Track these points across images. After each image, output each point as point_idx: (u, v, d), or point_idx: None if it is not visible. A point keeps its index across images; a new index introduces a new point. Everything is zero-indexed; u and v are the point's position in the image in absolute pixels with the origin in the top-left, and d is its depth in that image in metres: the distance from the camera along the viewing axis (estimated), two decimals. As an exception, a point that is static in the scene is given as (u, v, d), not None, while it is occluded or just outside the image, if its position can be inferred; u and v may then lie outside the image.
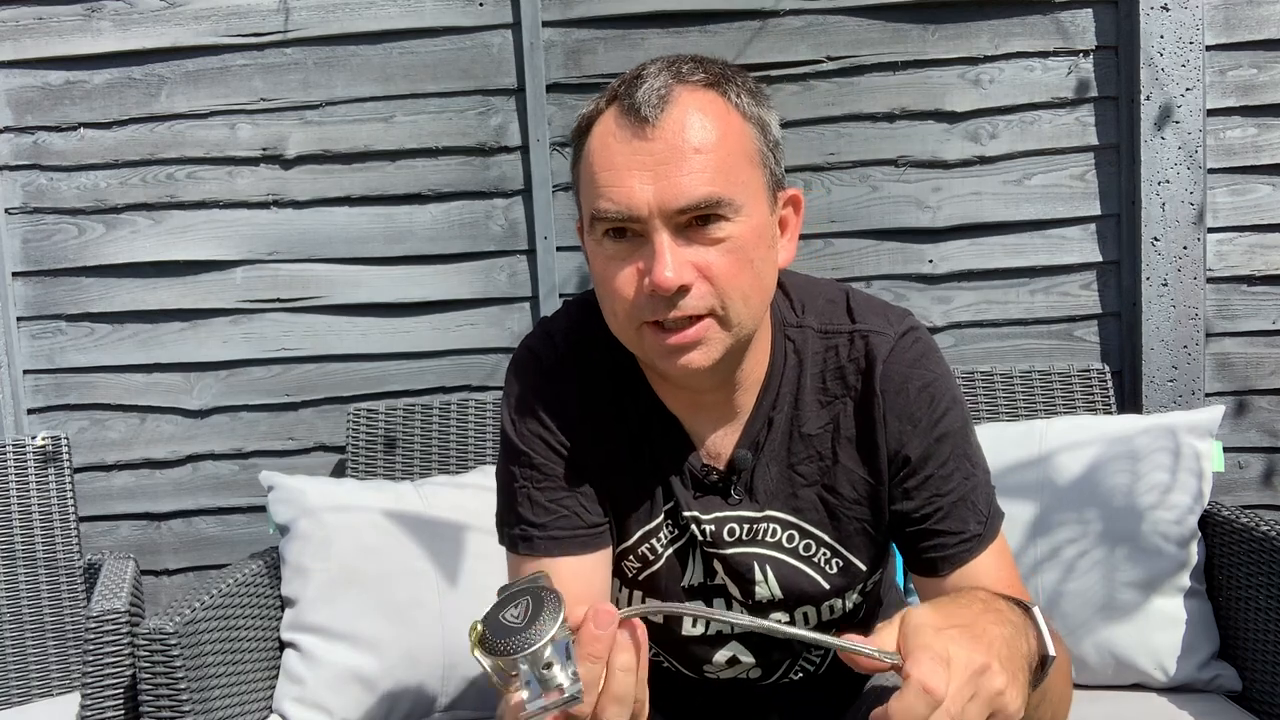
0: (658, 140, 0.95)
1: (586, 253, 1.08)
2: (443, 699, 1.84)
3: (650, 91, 0.96)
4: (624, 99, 0.98)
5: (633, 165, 0.96)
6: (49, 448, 2.10)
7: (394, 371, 2.34)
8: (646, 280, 0.96)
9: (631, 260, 0.98)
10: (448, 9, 2.26)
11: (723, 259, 0.97)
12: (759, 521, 1.12)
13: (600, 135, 1.00)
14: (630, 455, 1.12)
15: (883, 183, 2.25)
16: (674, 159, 0.95)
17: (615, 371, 1.12)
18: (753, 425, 1.11)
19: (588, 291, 1.21)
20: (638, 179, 0.95)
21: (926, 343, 1.11)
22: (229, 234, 2.33)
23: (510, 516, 1.11)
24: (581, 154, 1.03)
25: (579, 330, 1.13)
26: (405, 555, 1.88)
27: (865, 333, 1.10)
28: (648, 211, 0.95)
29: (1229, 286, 2.22)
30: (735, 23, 2.23)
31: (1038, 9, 2.21)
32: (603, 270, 1.01)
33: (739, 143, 0.99)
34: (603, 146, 0.99)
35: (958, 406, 1.10)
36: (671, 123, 0.96)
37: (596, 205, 0.98)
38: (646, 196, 0.95)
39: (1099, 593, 1.76)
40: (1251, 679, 1.72)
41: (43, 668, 2.04)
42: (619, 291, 0.99)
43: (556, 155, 2.28)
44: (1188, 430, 1.83)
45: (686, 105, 0.97)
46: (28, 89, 2.32)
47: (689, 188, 0.95)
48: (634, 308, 0.99)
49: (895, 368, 1.08)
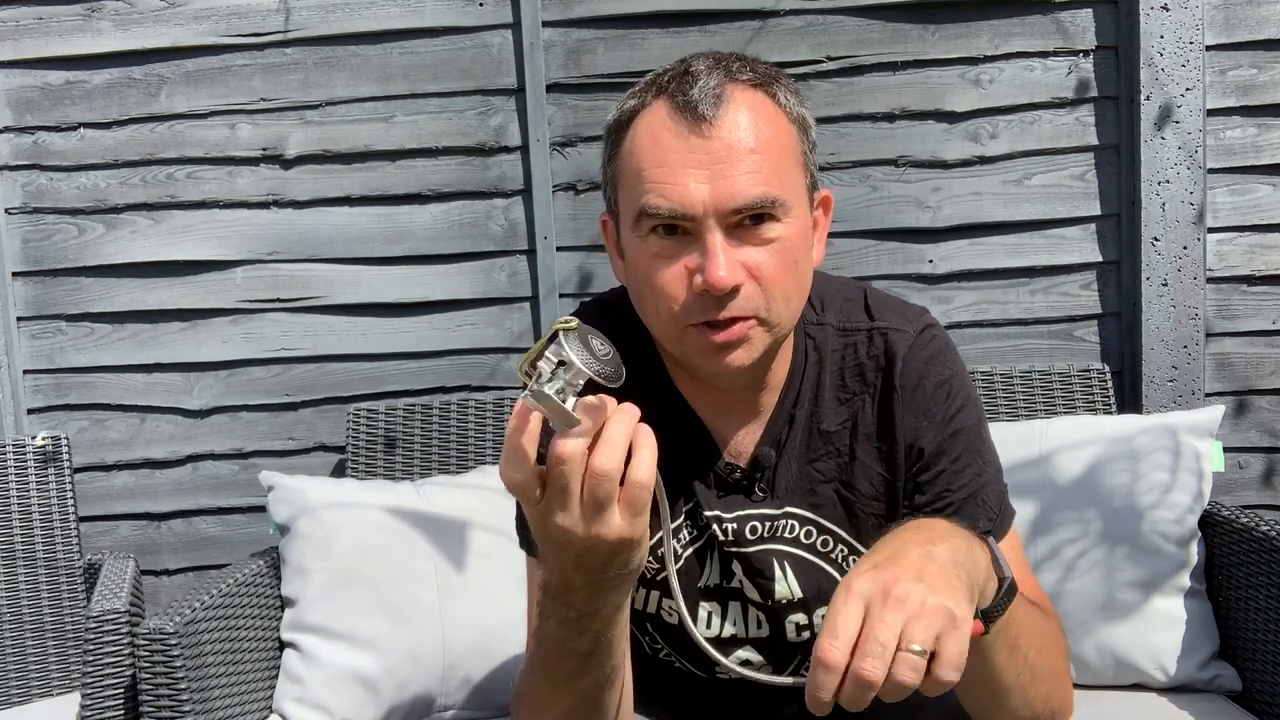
0: (714, 139, 0.95)
1: (620, 249, 1.06)
2: (443, 699, 1.84)
3: (706, 90, 0.96)
4: (676, 95, 0.97)
5: (688, 163, 0.95)
6: (49, 448, 2.10)
7: (394, 371, 2.34)
8: (698, 279, 0.96)
9: (680, 258, 0.97)
10: (448, 9, 2.26)
11: (771, 260, 0.97)
12: (779, 519, 1.12)
13: (649, 130, 0.98)
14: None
15: (883, 183, 2.25)
16: (730, 158, 0.94)
17: (637, 375, 1.11)
18: (775, 423, 1.11)
19: (606, 293, 1.21)
20: (693, 177, 0.94)
21: (943, 340, 1.12)
22: (229, 234, 2.33)
23: (524, 519, 1.11)
24: (621, 148, 1.01)
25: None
26: (405, 555, 1.88)
27: (884, 330, 1.11)
28: (703, 210, 0.94)
29: (1229, 286, 2.22)
30: (735, 23, 2.23)
31: (1038, 9, 2.21)
32: (647, 268, 0.99)
33: (787, 143, 0.99)
34: (653, 142, 0.97)
35: (973, 404, 1.11)
36: (727, 122, 0.95)
37: (646, 202, 0.96)
38: (702, 195, 0.94)
39: (1099, 592, 1.76)
40: (1251, 679, 1.72)
41: (43, 668, 2.04)
42: (666, 290, 0.98)
43: (556, 155, 2.28)
44: (1188, 430, 1.83)
45: (740, 105, 0.96)
46: (28, 89, 2.32)
47: (745, 187, 0.94)
48: (682, 307, 0.98)
49: (913, 364, 1.09)
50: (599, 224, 1.12)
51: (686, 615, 0.93)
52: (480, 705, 1.85)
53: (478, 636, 1.84)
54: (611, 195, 1.05)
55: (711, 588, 1.15)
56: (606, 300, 1.17)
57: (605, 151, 1.05)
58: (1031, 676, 0.95)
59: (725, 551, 1.13)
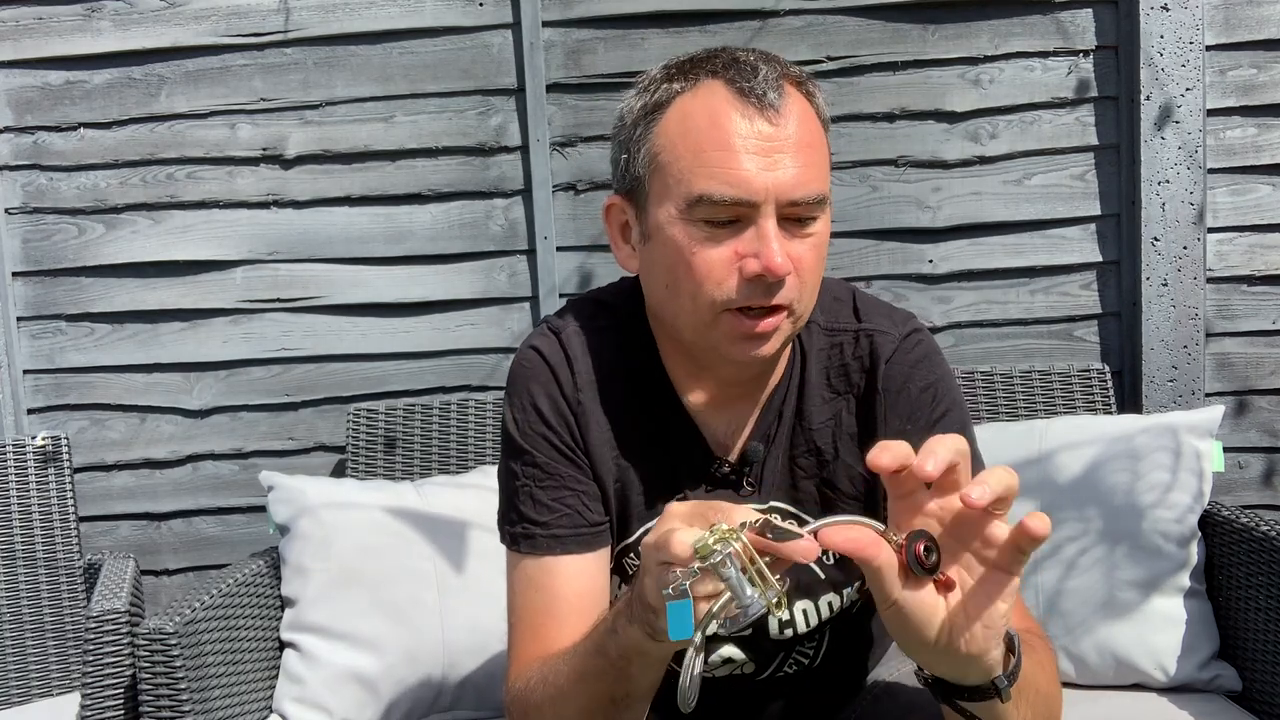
0: (781, 127, 0.95)
1: (632, 233, 1.05)
2: (443, 699, 1.84)
3: (769, 79, 0.96)
4: (737, 80, 0.96)
5: (751, 148, 0.94)
6: (49, 448, 2.10)
7: (394, 371, 2.34)
8: (751, 263, 0.95)
9: (728, 243, 0.97)
10: (448, 9, 2.26)
11: (810, 254, 0.99)
12: (763, 513, 1.12)
13: (707, 110, 0.97)
14: (640, 454, 1.12)
15: (883, 183, 2.25)
16: (794, 150, 0.95)
17: (629, 371, 1.11)
18: (765, 418, 1.11)
19: (596, 290, 1.21)
20: (756, 162, 0.94)
21: (929, 345, 1.12)
22: (229, 234, 2.33)
23: (512, 514, 1.11)
24: (661, 127, 0.99)
25: (589, 329, 1.13)
26: (405, 555, 1.88)
27: (870, 332, 1.11)
28: (764, 196, 0.94)
29: (1229, 286, 2.22)
30: (735, 23, 2.23)
31: (1038, 9, 2.21)
32: (690, 250, 0.98)
33: (825, 143, 1.02)
34: (713, 122, 0.96)
35: (958, 409, 1.10)
36: (790, 114, 0.96)
37: (706, 187, 0.95)
38: (766, 181, 0.94)
39: (1099, 592, 1.76)
40: (1251, 679, 1.72)
41: (43, 668, 2.04)
42: (710, 273, 0.97)
43: (556, 155, 2.28)
44: (1188, 430, 1.83)
45: (795, 99, 0.98)
46: (28, 89, 2.32)
47: (807, 180, 0.96)
48: (724, 290, 0.97)
49: (898, 368, 1.09)
50: (602, 211, 1.11)
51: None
52: (480, 705, 1.85)
53: (478, 636, 1.84)
54: (641, 175, 1.02)
55: None
56: (599, 299, 1.16)
57: (631, 132, 1.03)
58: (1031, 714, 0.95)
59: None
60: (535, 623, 1.07)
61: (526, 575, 1.08)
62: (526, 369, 1.12)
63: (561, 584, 1.07)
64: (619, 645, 0.89)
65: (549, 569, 1.07)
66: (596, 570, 1.10)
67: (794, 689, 1.24)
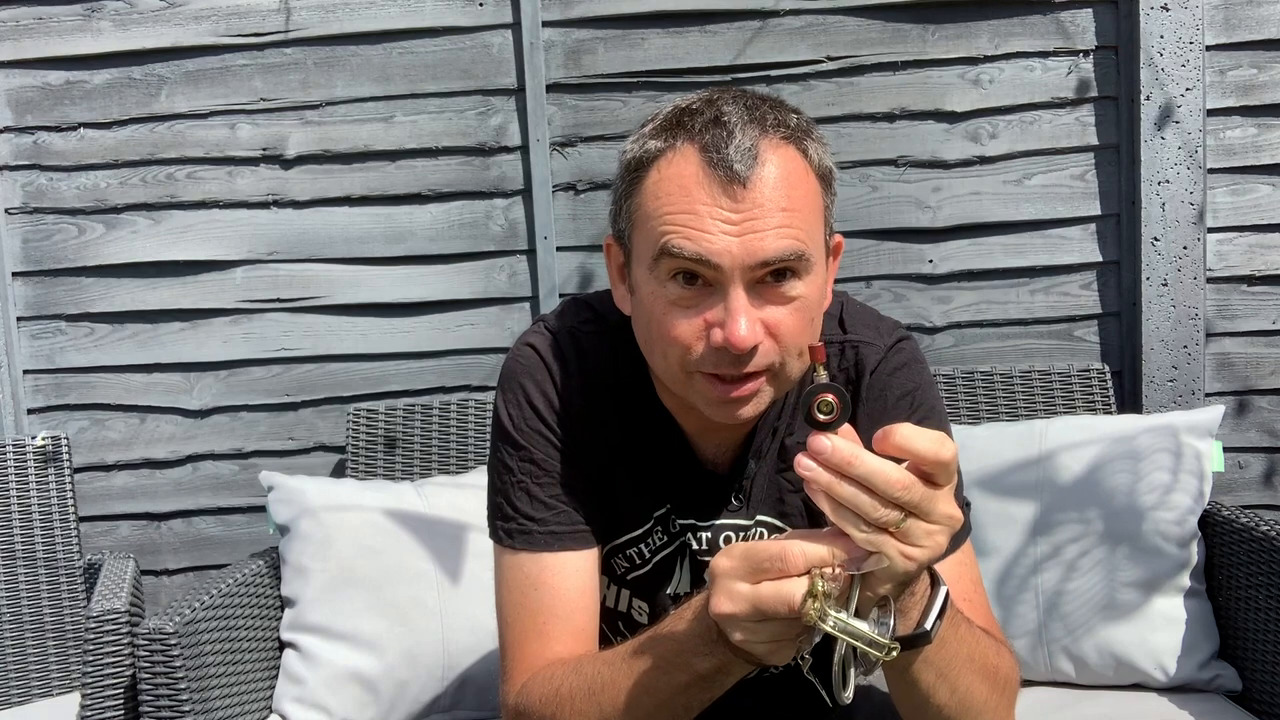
0: (746, 200, 0.93)
1: (624, 277, 1.05)
2: (443, 699, 1.84)
3: (741, 148, 0.94)
4: (710, 149, 0.94)
5: (717, 217, 0.93)
6: (49, 448, 2.10)
7: (394, 371, 2.34)
8: (716, 333, 0.94)
9: (698, 310, 0.96)
10: (448, 9, 2.26)
11: (790, 318, 0.96)
12: (750, 527, 1.13)
13: (678, 178, 0.96)
14: (628, 459, 1.11)
15: (883, 183, 2.25)
16: (761, 217, 0.93)
17: (619, 378, 1.11)
18: (758, 436, 1.11)
19: (591, 295, 1.20)
20: (721, 229, 0.93)
21: (911, 353, 1.12)
22: (229, 234, 2.33)
23: (506, 510, 1.10)
24: (641, 186, 0.99)
25: (584, 332, 1.13)
26: (405, 555, 1.88)
27: (856, 344, 1.11)
28: (729, 261, 0.93)
29: (1229, 286, 2.22)
30: (735, 23, 2.23)
31: (1038, 9, 2.21)
32: (662, 314, 0.98)
33: (814, 201, 0.98)
34: (682, 190, 0.95)
35: (935, 417, 1.10)
36: (760, 182, 0.94)
37: (670, 241, 0.95)
38: (729, 247, 0.93)
39: (1099, 592, 1.76)
40: (1251, 679, 1.72)
41: (43, 668, 2.04)
42: (679, 339, 0.97)
43: (556, 155, 2.28)
44: (1188, 430, 1.83)
45: (773, 162, 0.95)
46: (28, 89, 2.32)
47: (772, 242, 0.93)
48: (693, 355, 0.97)
49: (879, 378, 1.10)
50: (604, 247, 1.11)
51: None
52: (480, 705, 1.85)
53: (478, 636, 1.84)
54: (625, 229, 1.03)
55: (680, 596, 1.15)
56: (592, 304, 1.16)
57: (620, 185, 1.03)
58: (961, 707, 0.94)
59: (698, 560, 1.13)
60: (538, 622, 1.05)
61: (524, 573, 1.07)
62: (523, 365, 1.12)
63: (563, 581, 1.06)
64: (712, 665, 0.89)
65: (549, 566, 1.06)
66: (593, 568, 1.10)
67: (781, 688, 1.24)
